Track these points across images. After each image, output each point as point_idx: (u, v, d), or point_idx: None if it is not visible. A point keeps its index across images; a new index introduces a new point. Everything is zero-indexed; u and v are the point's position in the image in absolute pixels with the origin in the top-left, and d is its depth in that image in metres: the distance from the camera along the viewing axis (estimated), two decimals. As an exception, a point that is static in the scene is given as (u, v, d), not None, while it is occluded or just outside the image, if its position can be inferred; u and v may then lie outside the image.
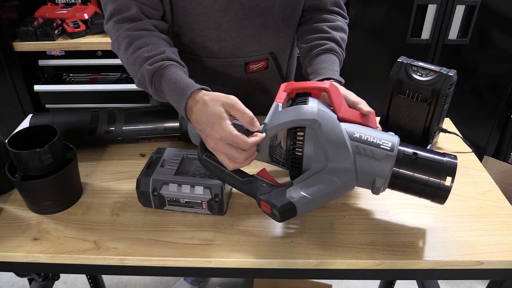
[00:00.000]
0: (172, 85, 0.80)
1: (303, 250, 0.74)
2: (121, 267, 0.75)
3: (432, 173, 0.71)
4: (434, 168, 0.71)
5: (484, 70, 1.98)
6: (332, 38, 0.99)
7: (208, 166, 0.76)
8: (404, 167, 0.71)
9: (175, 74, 0.81)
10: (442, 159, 0.72)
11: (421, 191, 0.72)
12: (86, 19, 1.92)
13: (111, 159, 0.98)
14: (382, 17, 1.88)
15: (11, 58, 1.89)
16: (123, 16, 0.89)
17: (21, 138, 0.81)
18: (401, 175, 0.72)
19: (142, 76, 0.85)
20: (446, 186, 0.70)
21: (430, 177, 0.71)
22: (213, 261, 0.73)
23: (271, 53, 1.05)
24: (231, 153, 0.71)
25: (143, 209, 0.83)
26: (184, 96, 0.77)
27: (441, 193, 0.71)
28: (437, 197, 0.72)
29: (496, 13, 1.84)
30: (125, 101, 2.02)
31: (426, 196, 0.73)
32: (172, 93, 0.80)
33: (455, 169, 0.70)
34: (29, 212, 0.83)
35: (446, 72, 0.92)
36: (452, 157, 0.72)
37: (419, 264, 0.73)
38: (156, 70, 0.82)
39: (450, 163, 0.71)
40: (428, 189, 0.71)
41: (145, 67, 0.83)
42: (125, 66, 0.91)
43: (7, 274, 1.85)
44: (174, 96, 0.79)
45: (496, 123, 2.11)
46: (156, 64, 0.83)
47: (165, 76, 0.81)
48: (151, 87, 0.84)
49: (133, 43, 0.86)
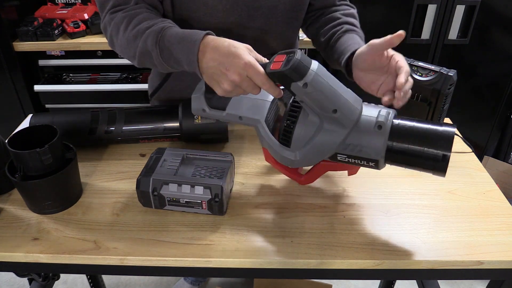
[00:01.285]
0: (179, 37, 0.78)
1: (303, 250, 0.74)
2: (121, 267, 0.75)
3: (428, 144, 0.69)
4: (430, 139, 0.69)
5: (484, 70, 1.98)
6: (346, 22, 0.98)
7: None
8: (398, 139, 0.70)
9: (179, 30, 0.80)
10: (437, 129, 0.70)
11: (419, 164, 0.70)
12: (86, 19, 1.92)
13: (111, 159, 0.98)
14: (382, 17, 1.88)
15: (11, 58, 1.89)
16: (120, 8, 0.88)
17: (21, 138, 0.81)
18: (397, 148, 0.70)
19: (144, 44, 0.82)
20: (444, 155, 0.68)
21: (426, 147, 0.69)
22: (213, 261, 0.73)
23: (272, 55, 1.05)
24: (249, 89, 0.70)
25: (143, 209, 0.83)
26: (196, 39, 0.74)
27: (440, 165, 0.69)
28: (436, 170, 0.70)
29: (496, 13, 1.84)
30: (125, 101, 2.02)
31: (425, 168, 0.71)
32: (181, 42, 0.77)
33: (452, 137, 0.68)
34: (29, 212, 0.83)
35: (446, 72, 0.92)
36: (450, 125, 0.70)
37: (419, 264, 0.73)
38: (161, 30, 0.80)
39: (446, 132, 0.69)
40: (426, 161, 0.69)
41: (148, 31, 0.81)
42: (124, 48, 0.88)
43: (7, 274, 1.85)
44: (183, 44, 0.76)
45: (496, 123, 2.11)
46: (159, 25, 0.81)
47: (170, 32, 0.79)
48: (156, 47, 0.80)
49: (133, 20, 0.85)
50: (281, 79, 0.68)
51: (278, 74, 0.67)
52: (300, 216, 0.81)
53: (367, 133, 0.70)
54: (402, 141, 0.70)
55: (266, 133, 0.78)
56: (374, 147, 0.70)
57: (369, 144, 0.70)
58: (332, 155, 0.73)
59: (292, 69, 0.66)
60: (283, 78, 0.67)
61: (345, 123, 0.70)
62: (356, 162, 0.73)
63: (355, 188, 0.87)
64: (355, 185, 0.88)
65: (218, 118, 0.81)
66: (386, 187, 0.88)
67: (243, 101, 0.80)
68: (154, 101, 1.18)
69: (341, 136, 0.71)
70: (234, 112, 0.79)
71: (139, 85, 1.98)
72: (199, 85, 0.82)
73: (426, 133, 0.70)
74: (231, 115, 0.79)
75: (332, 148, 0.72)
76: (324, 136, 0.71)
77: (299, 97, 0.69)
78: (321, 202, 0.84)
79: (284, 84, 0.68)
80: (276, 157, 0.79)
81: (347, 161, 0.73)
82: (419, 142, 0.69)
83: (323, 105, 0.69)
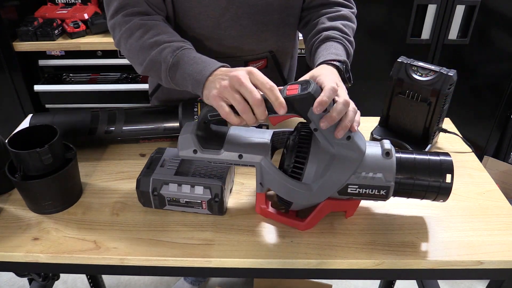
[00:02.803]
0: (197, 59, 0.80)
1: (303, 250, 0.74)
2: (121, 267, 0.75)
3: (431, 174, 0.73)
4: (432, 169, 0.73)
5: (484, 70, 1.98)
6: (327, 28, 0.95)
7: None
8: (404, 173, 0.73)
9: (197, 54, 0.82)
10: (437, 159, 0.74)
11: (424, 193, 0.74)
12: (86, 19, 1.92)
13: (111, 159, 0.98)
14: (382, 17, 1.88)
15: (11, 58, 1.89)
16: (132, 10, 0.89)
17: (21, 138, 0.81)
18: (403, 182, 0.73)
19: (159, 55, 0.84)
20: (448, 183, 0.73)
21: (431, 178, 0.73)
22: (213, 261, 0.73)
23: (270, 51, 1.05)
24: (241, 106, 0.69)
25: (143, 209, 0.83)
26: (211, 66, 0.77)
27: (443, 191, 0.73)
28: (440, 195, 0.74)
29: (496, 13, 1.84)
30: (125, 101, 2.02)
31: (429, 196, 0.75)
32: (195, 64, 0.79)
33: (452, 166, 0.73)
34: (29, 212, 0.83)
35: (446, 72, 0.92)
36: (446, 154, 0.75)
37: (419, 264, 0.73)
38: (180, 47, 0.83)
39: (446, 161, 0.74)
40: (430, 190, 0.74)
41: (167, 45, 0.83)
42: (134, 53, 0.89)
43: (7, 274, 1.85)
44: (197, 66, 0.79)
45: (496, 123, 2.11)
46: (179, 43, 0.84)
47: (188, 53, 0.82)
48: (169, 60, 0.82)
49: (151, 30, 0.87)
50: (300, 103, 0.67)
51: (298, 99, 0.67)
52: (300, 216, 0.81)
53: (376, 160, 0.72)
54: (407, 171, 0.73)
55: (273, 169, 0.73)
56: (385, 173, 0.72)
57: (379, 172, 0.72)
58: (344, 186, 0.72)
59: (313, 93, 0.66)
60: (302, 103, 0.67)
61: (357, 151, 0.71)
62: (366, 192, 0.73)
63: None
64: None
65: (212, 159, 0.75)
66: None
67: (240, 139, 0.77)
68: (154, 100, 1.18)
69: (354, 164, 0.71)
70: (232, 151, 0.75)
71: (139, 85, 1.98)
72: (185, 127, 0.77)
73: (429, 164, 0.74)
74: (230, 154, 0.74)
75: (345, 178, 0.72)
76: (338, 166, 0.71)
77: (315, 124, 0.68)
78: (321, 202, 0.84)
79: (302, 109, 0.67)
80: (287, 195, 0.74)
81: (357, 192, 0.73)
82: (424, 173, 0.73)
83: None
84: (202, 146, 0.75)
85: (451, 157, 0.74)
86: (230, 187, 0.86)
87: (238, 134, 0.77)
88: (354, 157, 0.71)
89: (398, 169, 0.72)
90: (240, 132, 0.78)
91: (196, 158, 0.75)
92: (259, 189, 0.76)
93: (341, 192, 0.73)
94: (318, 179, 0.72)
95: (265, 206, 0.79)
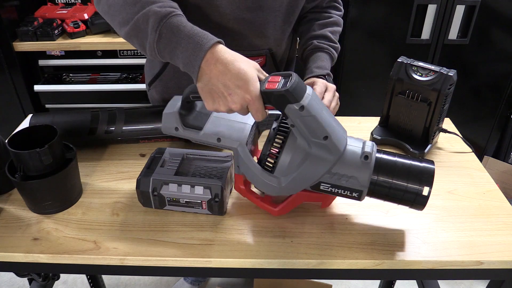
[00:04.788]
0: (186, 32, 0.70)
1: (303, 250, 0.74)
2: (121, 267, 0.75)
3: (409, 181, 0.71)
4: (412, 176, 0.71)
5: (484, 70, 1.98)
6: (316, 36, 1.06)
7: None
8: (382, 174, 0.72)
9: (188, 24, 0.72)
10: (419, 165, 0.72)
11: (400, 197, 0.73)
12: (86, 19, 1.92)
13: (111, 159, 0.98)
14: (382, 17, 1.88)
15: (11, 58, 1.89)
16: None
17: (21, 138, 0.81)
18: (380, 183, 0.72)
19: (144, 21, 0.73)
20: (424, 196, 0.71)
21: (409, 185, 0.71)
22: (213, 261, 0.73)
23: (269, 49, 1.05)
24: (241, 114, 0.69)
25: (143, 209, 0.83)
26: (204, 44, 0.68)
27: (420, 199, 0.72)
28: (416, 203, 0.72)
29: (496, 13, 1.84)
30: (125, 101, 2.02)
31: (405, 202, 0.73)
32: (186, 39, 0.70)
33: (433, 177, 0.71)
34: (29, 212, 0.83)
35: (446, 72, 0.92)
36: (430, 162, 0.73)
37: (419, 264, 0.73)
38: (167, 14, 0.72)
39: (427, 170, 0.71)
40: (407, 195, 0.72)
41: (153, 8, 0.73)
42: (116, 9, 0.78)
43: (7, 274, 1.85)
44: (188, 43, 0.70)
45: (496, 123, 2.11)
46: (168, 9, 0.73)
47: (177, 22, 0.71)
48: (155, 31, 0.72)
49: None
50: (277, 99, 0.65)
51: (276, 94, 0.65)
52: (300, 216, 0.81)
53: (353, 163, 0.70)
54: (385, 175, 0.71)
55: (247, 157, 0.74)
56: (359, 177, 0.70)
57: (354, 174, 0.70)
58: (315, 183, 0.72)
59: (291, 91, 0.64)
60: (279, 99, 0.65)
61: (334, 151, 0.69)
62: (339, 192, 0.72)
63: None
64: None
65: (192, 139, 0.76)
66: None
67: (221, 122, 0.77)
68: (152, 90, 1.15)
69: (328, 164, 0.70)
70: (212, 133, 0.75)
71: (139, 85, 1.98)
72: (172, 101, 0.77)
73: (409, 169, 0.71)
74: (209, 135, 0.75)
75: (318, 176, 0.71)
76: (311, 163, 0.70)
77: (292, 120, 0.67)
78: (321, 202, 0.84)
79: (279, 105, 0.66)
80: (256, 184, 0.75)
81: (329, 190, 0.72)
82: (402, 177, 0.71)
83: (315, 130, 0.67)
84: (184, 124, 0.75)
85: (434, 165, 0.72)
86: (230, 187, 0.86)
87: (221, 116, 0.77)
88: (329, 157, 0.69)
89: (376, 170, 0.71)
90: (223, 114, 0.77)
91: (177, 135, 0.77)
92: (237, 170, 0.77)
93: (314, 187, 0.73)
94: (289, 174, 0.71)
95: (243, 187, 0.79)
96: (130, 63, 1.99)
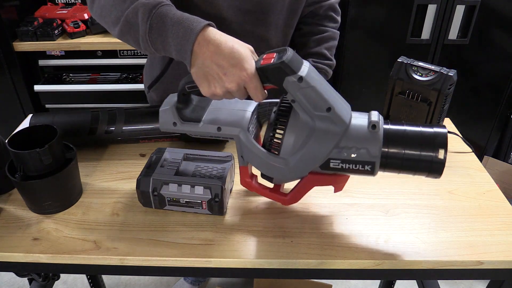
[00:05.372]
0: (176, 19, 0.69)
1: (303, 250, 0.74)
2: (121, 267, 0.75)
3: (422, 148, 0.66)
4: (425, 140, 0.66)
5: (484, 70, 1.98)
6: (312, 53, 1.09)
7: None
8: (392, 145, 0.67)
9: (177, 11, 0.71)
10: (430, 130, 0.67)
11: (415, 167, 0.68)
12: (86, 19, 1.92)
13: (111, 159, 0.98)
14: (382, 17, 1.88)
15: (11, 58, 1.89)
16: None
17: (21, 138, 0.81)
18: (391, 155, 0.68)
19: (134, 14, 0.72)
20: (440, 159, 0.66)
21: (422, 152, 0.66)
22: (213, 261, 0.73)
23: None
24: (240, 97, 0.67)
25: (143, 209, 0.83)
26: (194, 27, 0.67)
27: (436, 166, 0.66)
28: (433, 171, 0.68)
29: (496, 13, 1.84)
30: (125, 101, 2.02)
31: (421, 171, 0.69)
32: (176, 25, 0.69)
33: (446, 139, 0.66)
34: (29, 212, 0.83)
35: (446, 72, 0.92)
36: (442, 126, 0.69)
37: (419, 264, 0.73)
38: (156, 5, 0.71)
39: (440, 134, 0.67)
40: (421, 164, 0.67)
41: (141, 1, 0.72)
42: (107, 9, 0.78)
43: (7, 274, 1.85)
44: (179, 29, 0.69)
45: (496, 123, 2.11)
46: (156, 0, 0.72)
47: (166, 11, 0.71)
48: (145, 23, 0.71)
49: None
50: (274, 73, 0.63)
51: (272, 68, 0.63)
52: (300, 216, 0.81)
53: (361, 134, 0.66)
54: (396, 144, 0.67)
55: (250, 143, 0.71)
56: (369, 148, 0.66)
57: (364, 145, 0.66)
58: (325, 161, 0.69)
59: (287, 62, 0.62)
60: (276, 72, 0.63)
61: (339, 123, 0.66)
62: (350, 168, 0.68)
63: (355, 188, 0.87)
64: (355, 185, 0.88)
65: (191, 132, 0.74)
66: (386, 187, 0.88)
67: (220, 111, 0.75)
68: (152, 93, 1.15)
69: (335, 137, 0.66)
70: (211, 123, 0.73)
71: (139, 85, 1.98)
72: (168, 98, 0.76)
73: (420, 135, 0.67)
74: (208, 126, 0.73)
75: (326, 152, 0.67)
76: (317, 139, 0.67)
77: (292, 95, 0.64)
78: (321, 202, 0.84)
79: (276, 79, 0.64)
80: (263, 169, 0.72)
81: (340, 167, 0.68)
82: (415, 145, 0.67)
83: (317, 102, 0.65)
84: (182, 118, 0.74)
85: (446, 129, 0.67)
86: (230, 187, 0.86)
87: (220, 106, 0.75)
88: (335, 130, 0.66)
89: (386, 142, 0.67)
90: (222, 104, 0.76)
91: (176, 131, 0.75)
92: (241, 162, 0.75)
93: (323, 166, 0.69)
94: (296, 153, 0.69)
95: (250, 180, 0.77)
96: (130, 63, 2.00)
